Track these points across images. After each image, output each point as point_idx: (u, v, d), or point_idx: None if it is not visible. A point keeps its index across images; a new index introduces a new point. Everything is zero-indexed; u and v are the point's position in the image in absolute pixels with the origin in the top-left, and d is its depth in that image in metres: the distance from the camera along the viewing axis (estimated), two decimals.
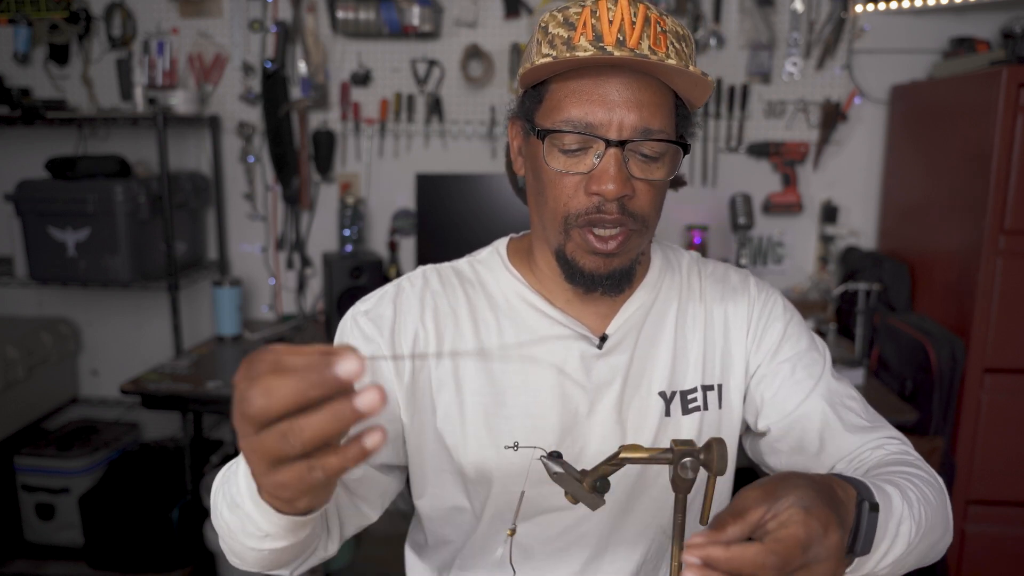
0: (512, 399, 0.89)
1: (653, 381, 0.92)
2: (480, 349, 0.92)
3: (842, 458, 0.89)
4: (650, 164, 0.82)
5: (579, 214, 0.83)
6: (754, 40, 2.48)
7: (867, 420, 0.91)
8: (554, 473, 0.74)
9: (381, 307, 0.92)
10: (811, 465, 0.90)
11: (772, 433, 0.93)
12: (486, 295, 0.94)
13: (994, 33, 2.38)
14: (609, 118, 0.79)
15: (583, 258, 0.85)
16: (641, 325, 0.94)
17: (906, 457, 0.86)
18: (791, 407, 0.92)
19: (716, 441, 0.67)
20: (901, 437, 0.91)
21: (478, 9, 2.51)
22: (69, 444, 2.64)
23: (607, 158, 0.80)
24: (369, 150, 2.65)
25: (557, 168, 0.82)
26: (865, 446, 0.88)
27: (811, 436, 0.90)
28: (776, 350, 0.95)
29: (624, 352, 0.92)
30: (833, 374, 0.95)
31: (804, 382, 0.92)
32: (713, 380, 0.94)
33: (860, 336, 2.20)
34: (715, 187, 2.58)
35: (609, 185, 0.79)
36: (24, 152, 2.70)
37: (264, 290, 2.78)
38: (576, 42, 0.79)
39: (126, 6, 2.61)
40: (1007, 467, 1.98)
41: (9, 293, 2.82)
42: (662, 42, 0.79)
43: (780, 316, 0.97)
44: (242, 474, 0.65)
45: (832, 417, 0.90)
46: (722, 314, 0.96)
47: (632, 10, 0.79)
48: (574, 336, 0.91)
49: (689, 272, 0.99)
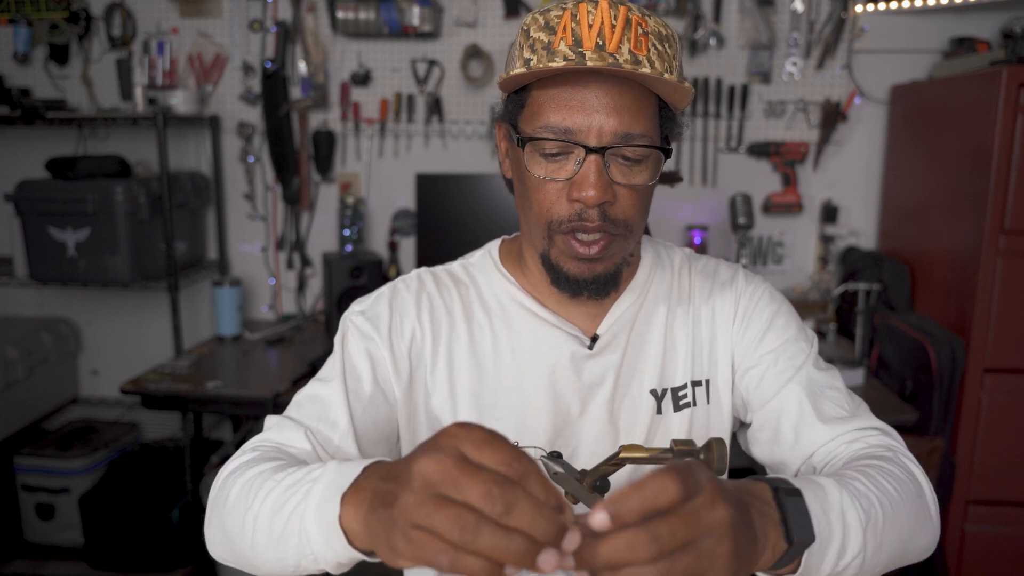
0: (504, 400, 0.90)
1: (644, 379, 0.93)
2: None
3: (816, 449, 0.86)
4: (632, 168, 0.82)
5: (562, 220, 0.83)
6: (754, 40, 2.48)
7: (847, 410, 0.89)
8: (554, 473, 0.74)
9: (378, 307, 0.93)
10: (787, 457, 0.89)
11: (754, 424, 0.93)
12: (479, 297, 0.95)
13: (994, 33, 2.38)
14: (588, 124, 0.79)
15: (567, 263, 0.85)
16: (631, 324, 0.94)
17: (881, 452, 0.82)
18: (769, 396, 0.91)
19: (716, 441, 0.67)
20: (884, 428, 0.88)
21: (478, 9, 2.51)
22: (69, 444, 2.64)
23: (587, 164, 0.80)
24: (369, 150, 2.65)
25: (539, 175, 0.83)
26: (840, 438, 0.86)
27: (786, 427, 0.89)
28: (760, 341, 0.94)
29: (615, 352, 0.92)
30: (817, 364, 0.93)
31: (785, 372, 0.91)
32: (701, 375, 0.94)
33: (860, 336, 2.20)
34: (715, 187, 2.58)
35: (589, 192, 0.79)
36: (24, 152, 2.70)
37: (264, 290, 2.78)
38: (556, 47, 0.79)
39: (126, 6, 2.61)
40: (1007, 467, 1.98)
41: (9, 293, 2.82)
42: (643, 44, 0.79)
43: (766, 306, 0.96)
44: (321, 492, 0.62)
45: (808, 407, 0.88)
46: (710, 309, 0.96)
47: (613, 12, 0.79)
48: (565, 336, 0.92)
49: (680, 269, 0.99)
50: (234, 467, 0.76)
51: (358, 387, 0.87)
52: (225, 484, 0.74)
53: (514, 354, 0.91)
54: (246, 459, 0.77)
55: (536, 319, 0.92)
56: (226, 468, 0.78)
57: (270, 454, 0.78)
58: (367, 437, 0.86)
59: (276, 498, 0.67)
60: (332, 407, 0.85)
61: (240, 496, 0.71)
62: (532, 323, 0.92)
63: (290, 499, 0.65)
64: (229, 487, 0.73)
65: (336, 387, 0.86)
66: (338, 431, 0.84)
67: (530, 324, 0.92)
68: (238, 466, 0.76)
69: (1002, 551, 2.02)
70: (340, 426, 0.84)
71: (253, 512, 0.68)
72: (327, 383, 0.87)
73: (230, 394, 2.03)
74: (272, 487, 0.68)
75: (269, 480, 0.69)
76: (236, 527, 0.70)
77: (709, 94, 2.53)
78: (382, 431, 0.89)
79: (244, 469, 0.74)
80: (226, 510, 0.72)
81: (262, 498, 0.68)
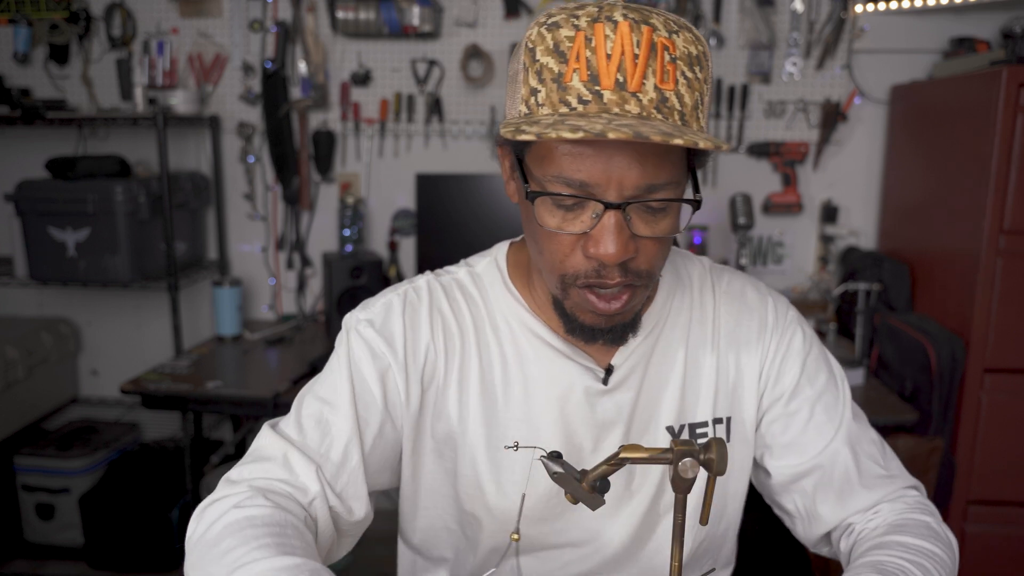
0: (515, 432, 0.86)
1: (660, 416, 0.89)
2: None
3: (858, 511, 0.88)
4: (656, 216, 0.73)
5: (578, 275, 0.75)
6: (754, 40, 2.48)
7: (884, 467, 0.90)
8: (554, 473, 0.74)
9: (391, 322, 0.85)
10: (826, 515, 0.89)
11: (787, 474, 0.91)
12: (489, 316, 0.89)
13: (994, 33, 2.38)
14: (608, 176, 0.69)
15: (583, 315, 0.79)
16: (649, 356, 0.88)
17: (923, 518, 0.85)
18: (811, 453, 0.89)
19: (716, 441, 0.66)
20: (917, 484, 0.91)
21: (478, 9, 2.51)
22: (69, 444, 2.64)
23: (606, 219, 0.70)
24: (369, 150, 2.65)
25: (551, 227, 0.73)
26: (883, 500, 0.88)
27: (828, 486, 0.89)
28: (794, 390, 0.90)
29: (631, 388, 0.87)
30: (853, 411, 0.92)
31: (824, 427, 0.89)
32: (724, 412, 0.90)
33: (860, 336, 2.20)
34: (715, 187, 2.58)
35: (609, 249, 0.70)
36: (24, 152, 2.70)
37: (264, 290, 2.77)
38: (567, 81, 0.68)
39: (126, 6, 2.61)
40: (1007, 467, 1.97)
41: (9, 293, 2.82)
42: (671, 76, 0.68)
43: (799, 351, 0.91)
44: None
45: (852, 470, 0.88)
46: (736, 342, 0.91)
47: (635, 38, 0.67)
48: (578, 369, 0.86)
49: (702, 286, 0.92)
50: (237, 520, 0.71)
51: (368, 415, 0.83)
52: (223, 538, 0.69)
53: (524, 383, 0.86)
54: (252, 515, 0.71)
55: (548, 348, 0.86)
56: (226, 511, 0.72)
57: (278, 517, 0.72)
58: (374, 469, 0.84)
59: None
60: (342, 440, 0.80)
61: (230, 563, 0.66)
62: (543, 352, 0.87)
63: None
64: (230, 556, 0.67)
65: (346, 417, 0.81)
66: (348, 468, 0.80)
67: (541, 353, 0.87)
68: (242, 523, 0.70)
69: (1002, 551, 2.02)
70: (351, 462, 0.80)
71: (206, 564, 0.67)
72: (335, 410, 0.82)
73: (230, 394, 2.03)
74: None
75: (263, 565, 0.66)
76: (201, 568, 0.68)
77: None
78: (388, 460, 0.87)
79: (251, 547, 0.67)
80: (220, 569, 0.67)
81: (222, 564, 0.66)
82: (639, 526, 0.90)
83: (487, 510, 0.88)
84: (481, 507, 0.88)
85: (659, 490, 0.90)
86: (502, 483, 0.87)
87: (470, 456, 0.87)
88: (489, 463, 0.87)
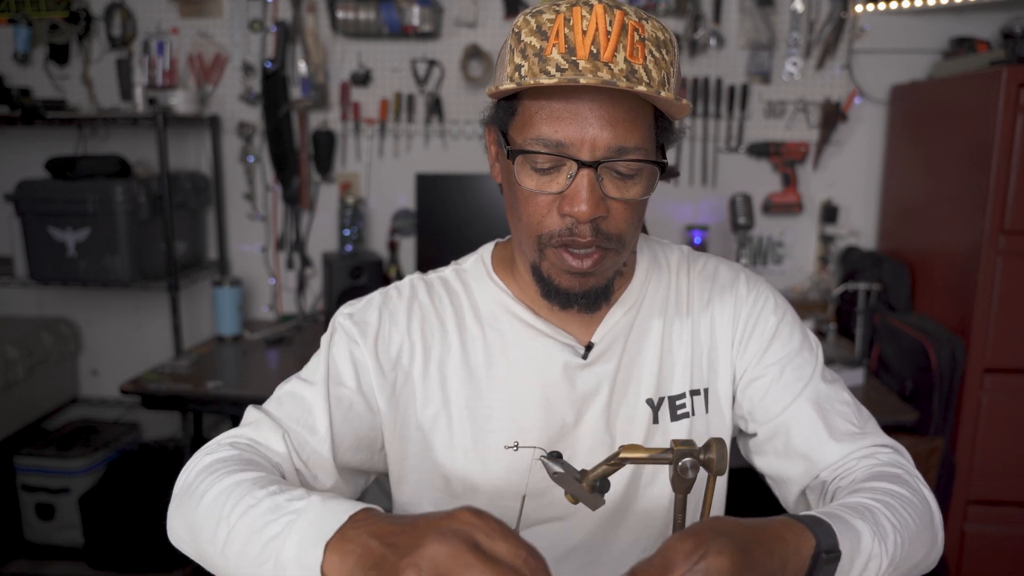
0: (499, 412, 0.89)
1: (640, 388, 0.91)
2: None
3: (828, 466, 0.87)
4: (625, 182, 0.79)
5: (552, 234, 0.81)
6: (754, 40, 2.48)
7: (857, 426, 0.90)
8: (554, 473, 0.74)
9: (367, 313, 0.91)
10: (796, 473, 0.89)
11: (759, 436, 0.93)
12: (472, 306, 0.93)
13: (994, 33, 2.38)
14: (581, 137, 0.76)
15: (559, 276, 0.83)
16: (627, 333, 0.92)
17: (894, 470, 0.84)
18: (777, 410, 0.90)
19: (716, 441, 0.66)
20: (893, 444, 0.89)
21: (478, 9, 2.51)
22: (69, 444, 2.64)
23: (579, 178, 0.77)
24: (369, 150, 2.65)
25: (530, 188, 0.80)
26: (852, 455, 0.87)
27: (796, 443, 0.89)
28: (764, 352, 0.93)
29: (610, 361, 0.91)
30: (824, 376, 0.93)
31: (792, 385, 0.91)
32: (700, 384, 0.93)
33: (860, 336, 2.20)
34: (715, 187, 2.58)
35: (582, 207, 0.77)
36: (24, 152, 2.70)
37: (264, 290, 2.77)
38: (548, 54, 0.76)
39: (126, 6, 2.61)
40: (1007, 467, 1.98)
41: (9, 293, 2.82)
42: (639, 52, 0.75)
43: (770, 315, 0.94)
44: (303, 532, 0.62)
45: (819, 424, 0.88)
46: (709, 315, 0.95)
47: (608, 18, 0.75)
48: (558, 346, 0.90)
49: (678, 270, 0.97)
50: (208, 463, 0.75)
51: (340, 392, 0.87)
52: (198, 480, 0.73)
53: (507, 365, 0.90)
54: (222, 456, 0.76)
55: (529, 329, 0.91)
56: (199, 460, 0.77)
57: (247, 456, 0.77)
58: (345, 444, 0.86)
59: (254, 519, 0.66)
60: (313, 411, 0.84)
61: (215, 502, 0.70)
62: (525, 333, 0.91)
63: (268, 525, 0.65)
64: (203, 487, 0.72)
65: (319, 391, 0.85)
66: (316, 436, 0.83)
67: (523, 334, 0.91)
68: (213, 463, 0.75)
69: (1002, 551, 2.02)
70: (319, 431, 0.83)
71: (228, 524, 0.67)
72: (310, 385, 0.86)
73: (230, 394, 2.03)
74: (251, 504, 0.67)
75: (248, 496, 0.68)
76: (207, 532, 0.69)
77: (709, 94, 2.53)
78: (362, 439, 0.88)
79: (221, 472, 0.73)
80: (199, 512, 0.71)
81: (239, 513, 0.67)
82: (623, 493, 0.91)
83: (473, 490, 0.90)
84: (469, 488, 0.90)
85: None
86: (487, 460, 0.89)
87: (455, 435, 0.89)
88: (473, 442, 0.89)
